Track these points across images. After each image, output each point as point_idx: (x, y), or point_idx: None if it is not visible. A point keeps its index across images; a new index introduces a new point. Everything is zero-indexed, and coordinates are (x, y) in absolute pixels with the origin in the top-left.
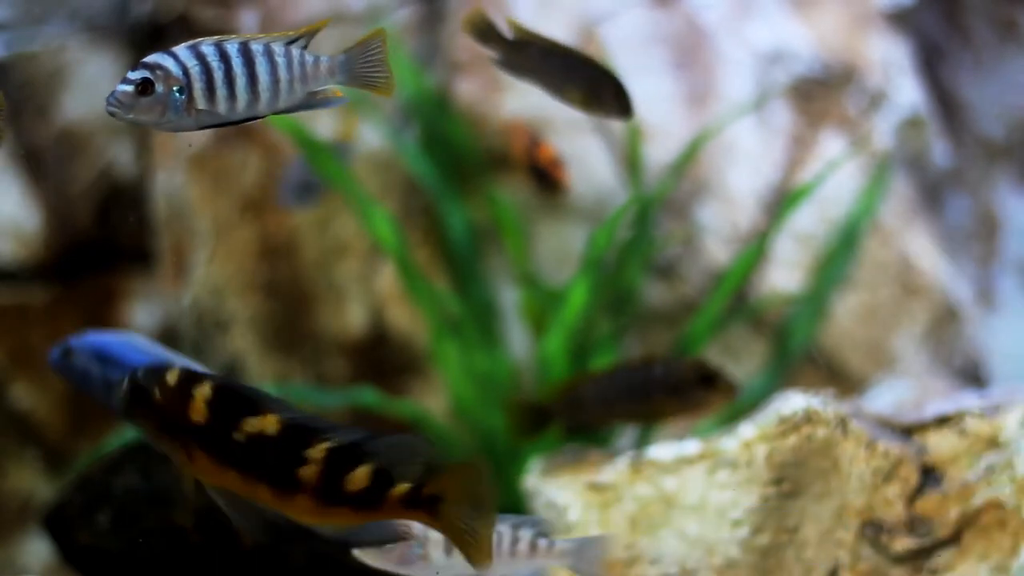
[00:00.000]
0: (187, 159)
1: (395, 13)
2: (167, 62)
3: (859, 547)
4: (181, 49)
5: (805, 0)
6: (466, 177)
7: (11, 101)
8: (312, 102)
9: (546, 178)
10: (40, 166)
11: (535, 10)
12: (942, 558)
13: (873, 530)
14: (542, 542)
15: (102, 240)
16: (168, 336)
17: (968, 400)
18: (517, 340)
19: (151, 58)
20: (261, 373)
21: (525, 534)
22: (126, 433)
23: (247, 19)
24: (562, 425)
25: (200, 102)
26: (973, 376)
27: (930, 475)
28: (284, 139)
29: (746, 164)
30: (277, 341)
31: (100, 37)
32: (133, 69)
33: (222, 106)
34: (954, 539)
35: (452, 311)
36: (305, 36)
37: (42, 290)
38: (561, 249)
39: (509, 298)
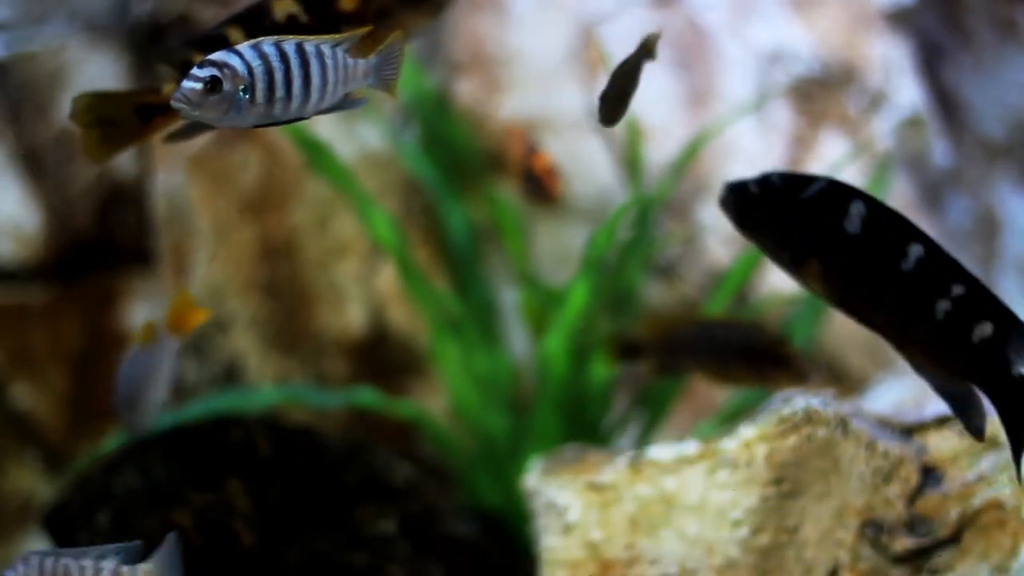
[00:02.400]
0: (187, 159)
1: None
2: (234, 61)
3: (859, 547)
4: (245, 48)
5: (805, 0)
6: (466, 177)
7: (11, 101)
8: (343, 103)
9: (539, 186)
10: (40, 166)
11: (535, 10)
12: (942, 558)
13: (873, 530)
14: (125, 570)
15: (102, 240)
16: None
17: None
18: (517, 340)
19: (218, 56)
20: (261, 373)
21: (107, 565)
22: (126, 433)
23: None
24: (650, 364)
25: (260, 101)
26: None
27: (930, 475)
28: (284, 139)
29: (746, 164)
30: (277, 341)
31: (100, 37)
32: (200, 66)
33: (278, 106)
34: (954, 539)
35: (452, 311)
36: (349, 39)
37: (42, 290)
38: (561, 249)
39: (509, 298)
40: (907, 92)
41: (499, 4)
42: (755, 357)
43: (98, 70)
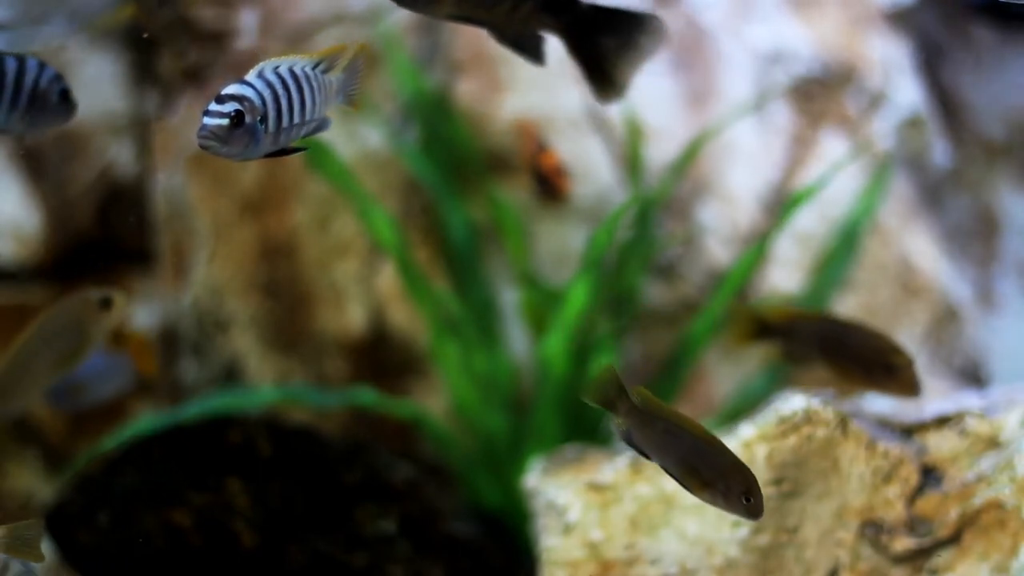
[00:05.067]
0: (187, 159)
1: (395, 13)
2: (250, 92)
3: (859, 547)
4: (253, 78)
5: (805, 0)
6: (466, 177)
7: None
8: (322, 124)
9: (547, 185)
10: (40, 166)
11: None
12: (942, 558)
13: (873, 530)
14: None
15: (102, 240)
16: (168, 336)
17: (968, 400)
18: (517, 340)
19: (233, 89)
20: (261, 373)
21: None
22: (126, 433)
23: (247, 19)
24: (776, 348)
25: (271, 130)
26: (973, 376)
27: (930, 475)
28: None
29: (746, 164)
30: (277, 341)
31: (100, 37)
32: (219, 101)
33: (283, 133)
34: (954, 539)
35: (452, 311)
36: (328, 59)
37: (42, 290)
38: (561, 249)
39: (509, 298)
40: (907, 92)
41: None
42: (870, 362)
43: (98, 70)
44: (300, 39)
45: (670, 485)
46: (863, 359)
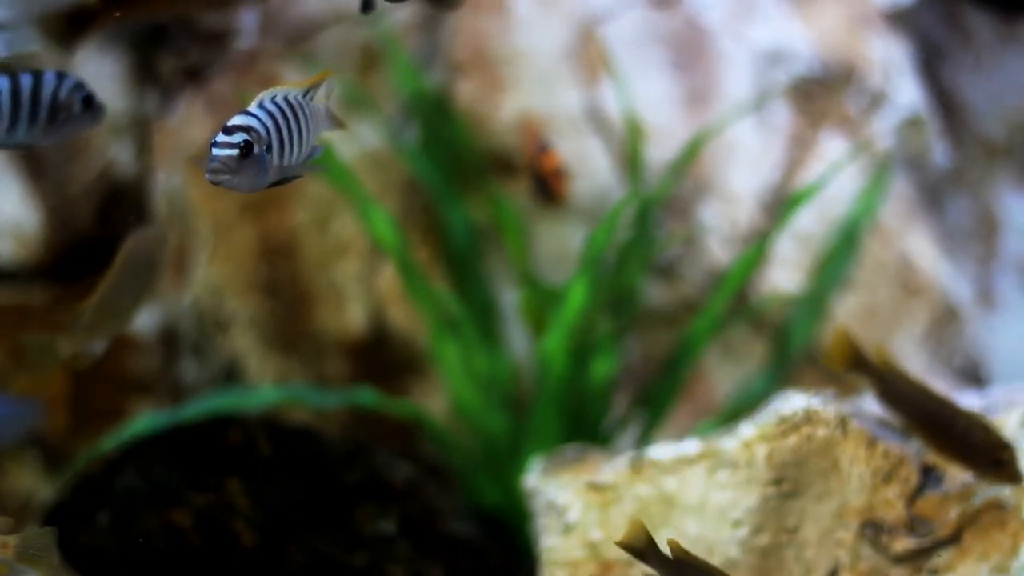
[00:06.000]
0: (187, 159)
1: (395, 13)
2: (254, 123)
3: (859, 547)
4: (256, 108)
5: (805, 0)
6: (466, 177)
7: None
8: (314, 151)
9: (545, 186)
10: (40, 166)
11: (535, 10)
12: (942, 558)
13: (873, 530)
14: None
15: (102, 240)
16: (168, 336)
17: (968, 400)
18: (517, 340)
19: (239, 120)
20: (261, 373)
21: None
22: (126, 433)
23: (247, 19)
24: (870, 385)
25: (275, 160)
26: (973, 376)
27: (930, 475)
28: None
29: (746, 164)
30: (277, 341)
31: (100, 37)
32: (227, 132)
33: (284, 162)
34: (954, 539)
35: (452, 311)
36: (313, 86)
37: (42, 290)
38: (561, 249)
39: (509, 298)
40: (907, 92)
41: (499, 4)
42: (975, 453)
43: (98, 70)
44: (300, 39)
45: (670, 485)
46: (968, 448)
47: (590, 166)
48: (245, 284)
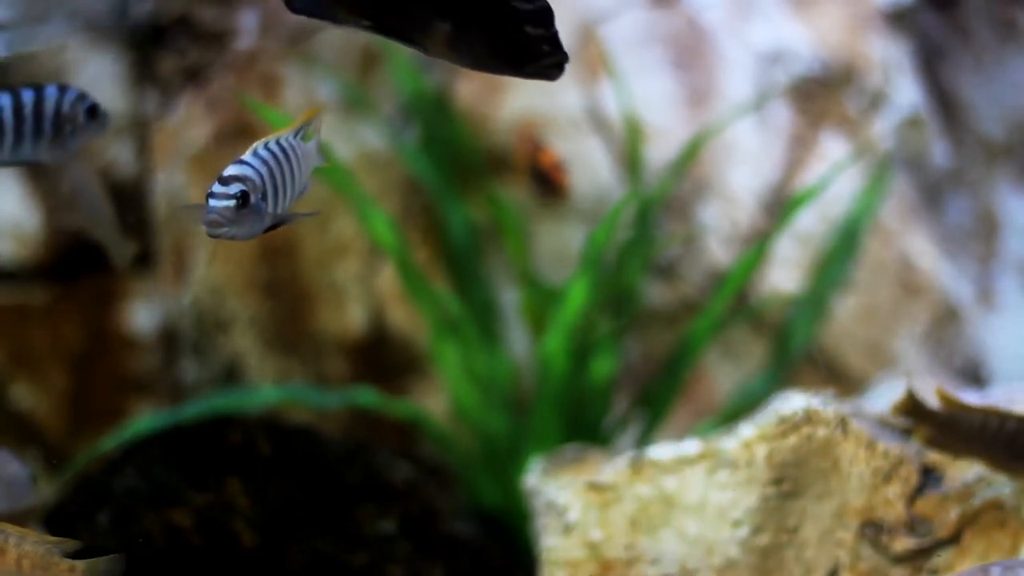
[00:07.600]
0: (187, 159)
1: None
2: (250, 172)
3: (859, 547)
4: (250, 157)
5: (805, 0)
6: (466, 177)
7: None
8: (304, 188)
9: (547, 182)
10: (40, 166)
11: None
12: (942, 558)
13: (873, 530)
14: None
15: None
16: (168, 336)
17: (968, 400)
18: (517, 340)
19: (235, 170)
20: (261, 373)
21: None
22: (126, 433)
23: (247, 19)
24: (923, 432)
25: (270, 207)
26: (973, 376)
27: (930, 475)
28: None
29: (746, 164)
30: (277, 341)
31: (100, 37)
32: (223, 183)
33: (279, 207)
34: (954, 539)
35: (452, 311)
36: (303, 126)
37: (42, 290)
38: (561, 249)
39: (509, 298)
40: (907, 92)
41: None
42: None
43: (98, 70)
44: (300, 39)
45: (670, 485)
46: None
47: (590, 166)
48: (245, 284)
